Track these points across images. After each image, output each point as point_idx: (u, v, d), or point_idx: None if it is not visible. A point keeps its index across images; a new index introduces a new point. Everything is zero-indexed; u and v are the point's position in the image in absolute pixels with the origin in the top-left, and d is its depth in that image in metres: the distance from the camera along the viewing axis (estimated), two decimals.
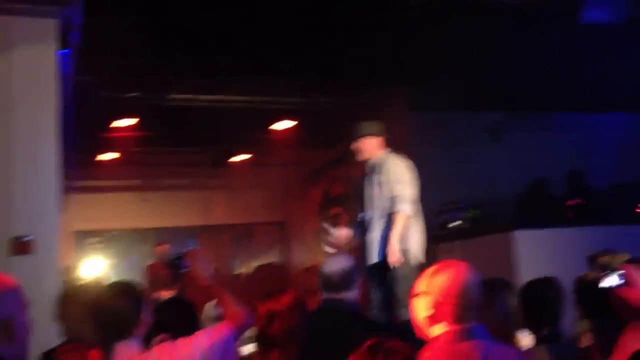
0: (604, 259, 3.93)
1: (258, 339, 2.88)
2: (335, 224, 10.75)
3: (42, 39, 4.94)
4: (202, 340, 2.59)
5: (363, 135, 5.14)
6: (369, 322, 3.50)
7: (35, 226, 4.41)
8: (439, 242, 7.48)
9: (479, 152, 8.66)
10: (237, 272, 12.87)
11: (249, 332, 3.19)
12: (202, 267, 2.88)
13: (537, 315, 3.16)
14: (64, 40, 5.50)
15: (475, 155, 8.66)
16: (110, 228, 11.99)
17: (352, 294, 3.30)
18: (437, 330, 2.37)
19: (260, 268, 12.20)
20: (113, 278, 10.07)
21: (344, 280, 3.29)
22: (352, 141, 5.25)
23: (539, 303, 3.18)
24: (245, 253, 13.21)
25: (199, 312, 3.57)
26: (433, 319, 2.40)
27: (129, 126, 9.55)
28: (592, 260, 4.19)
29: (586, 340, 3.18)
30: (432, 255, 7.80)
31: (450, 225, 7.36)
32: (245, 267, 12.89)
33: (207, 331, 2.70)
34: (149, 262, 9.70)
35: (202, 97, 8.74)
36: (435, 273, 2.45)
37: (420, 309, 2.44)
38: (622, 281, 2.50)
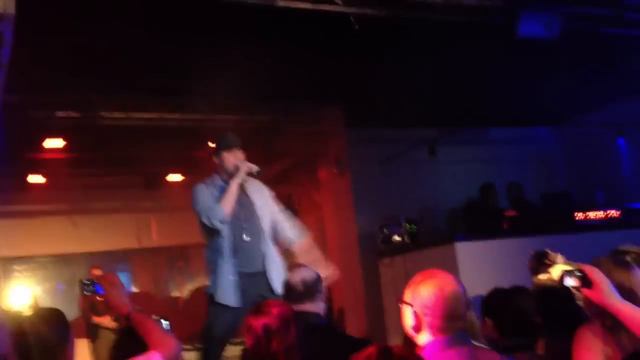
0: (552, 257, 3.99)
1: (254, 358, 2.68)
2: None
3: None
4: None
5: (233, 147, 4.59)
6: (340, 335, 3.37)
7: None
8: (381, 256, 7.54)
9: (415, 168, 8.79)
10: (173, 295, 12.57)
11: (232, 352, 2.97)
12: (119, 294, 2.67)
13: (510, 325, 3.08)
14: None
15: (412, 171, 8.79)
16: (38, 254, 11.51)
17: (316, 306, 3.21)
18: (422, 339, 2.38)
19: (198, 291, 11.95)
20: (40, 306, 9.67)
21: (307, 291, 3.20)
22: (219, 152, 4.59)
23: (513, 312, 3.11)
24: (182, 276, 12.92)
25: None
26: (416, 329, 2.40)
27: (58, 147, 9.24)
28: (537, 258, 4.26)
29: (541, 349, 3.20)
30: (375, 269, 7.91)
31: (393, 239, 7.42)
32: (182, 290, 12.61)
33: None
34: None
35: (133, 115, 8.53)
36: (418, 283, 2.44)
37: (406, 317, 2.44)
38: (580, 282, 2.55)
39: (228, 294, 4.30)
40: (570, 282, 2.58)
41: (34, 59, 6.49)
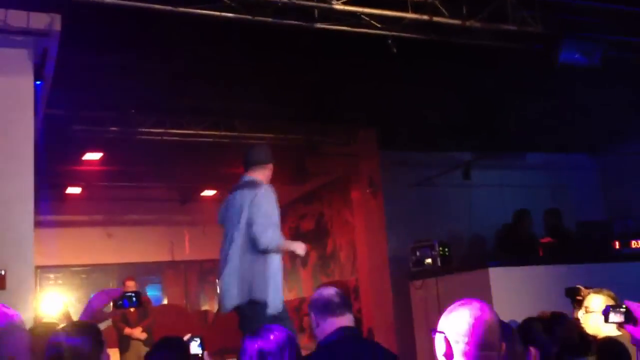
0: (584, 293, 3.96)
1: None
2: (304, 260, 10.74)
3: (19, 69, 4.85)
4: None
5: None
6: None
7: (10, 260, 4.26)
8: (413, 278, 7.50)
9: (449, 191, 8.74)
10: (203, 309, 12.66)
11: None
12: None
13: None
14: (38, 71, 5.42)
15: (445, 194, 8.74)
16: (72, 263, 11.69)
17: (352, 318, 3.11)
18: None
19: None
20: (71, 314, 9.79)
21: (344, 301, 3.10)
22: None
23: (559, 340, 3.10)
24: (212, 290, 13.00)
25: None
26: (448, 357, 2.37)
27: (97, 160, 9.44)
28: (569, 294, 4.23)
29: None
30: (406, 291, 7.87)
31: (425, 262, 7.37)
32: (212, 304, 12.68)
33: None
34: None
35: (170, 131, 8.67)
36: (452, 310, 2.42)
37: (438, 345, 2.42)
38: (624, 318, 2.53)
39: None
40: (615, 318, 2.57)
41: (78, 76, 6.65)
